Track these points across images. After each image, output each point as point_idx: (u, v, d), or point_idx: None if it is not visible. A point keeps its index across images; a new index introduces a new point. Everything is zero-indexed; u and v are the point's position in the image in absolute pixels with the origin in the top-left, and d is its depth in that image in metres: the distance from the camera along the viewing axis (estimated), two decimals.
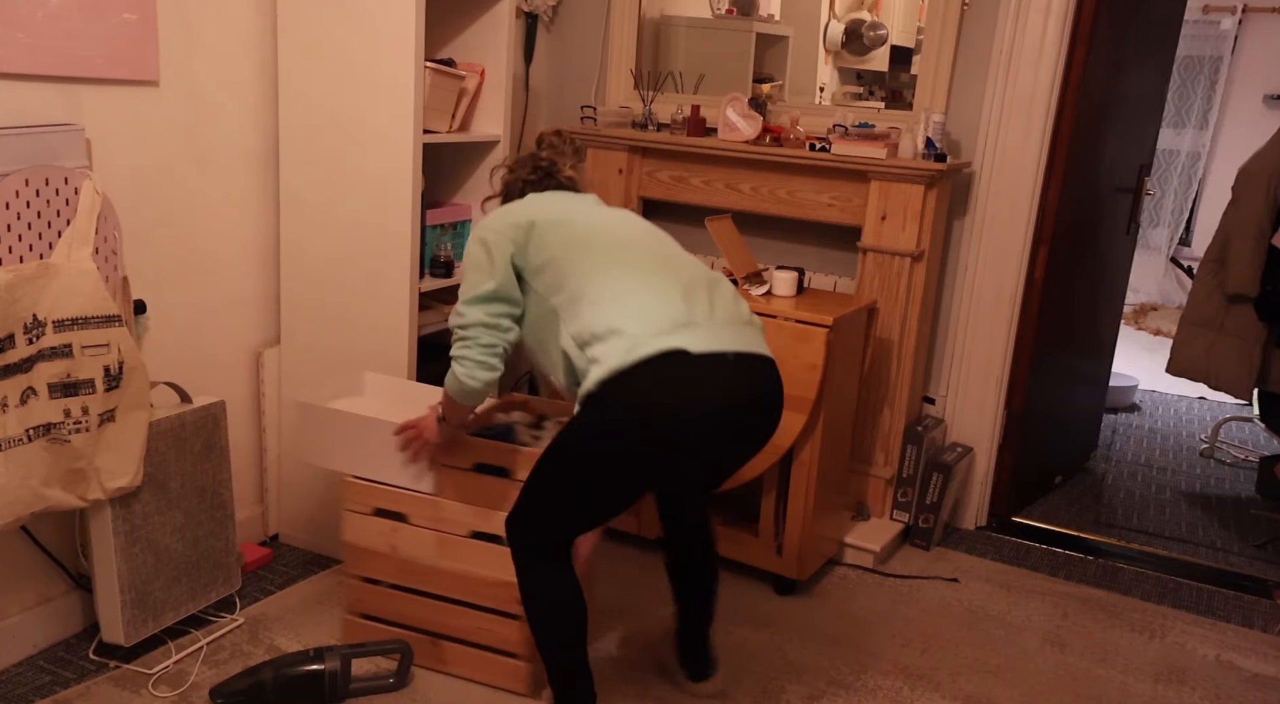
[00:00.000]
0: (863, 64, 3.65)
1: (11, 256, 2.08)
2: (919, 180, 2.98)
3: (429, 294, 2.93)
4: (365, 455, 2.35)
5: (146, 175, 2.49)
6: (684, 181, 3.43)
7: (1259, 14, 6.87)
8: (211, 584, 2.57)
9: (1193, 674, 2.66)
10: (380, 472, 2.36)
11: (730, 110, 3.27)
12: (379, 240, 2.68)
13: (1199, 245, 6.92)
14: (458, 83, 2.82)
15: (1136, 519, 3.65)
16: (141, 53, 2.40)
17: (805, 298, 2.95)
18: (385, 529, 2.39)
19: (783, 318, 2.75)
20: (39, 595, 2.41)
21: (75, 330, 2.14)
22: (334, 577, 2.84)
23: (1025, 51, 3.03)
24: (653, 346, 1.87)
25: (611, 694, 2.39)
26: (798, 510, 2.83)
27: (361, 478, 2.39)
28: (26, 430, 2.11)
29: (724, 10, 3.71)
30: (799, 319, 2.72)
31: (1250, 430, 4.73)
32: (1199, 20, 6.92)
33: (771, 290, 2.94)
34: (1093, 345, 3.94)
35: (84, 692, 2.27)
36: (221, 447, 2.57)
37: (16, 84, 2.16)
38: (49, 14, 2.18)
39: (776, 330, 2.70)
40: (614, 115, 3.49)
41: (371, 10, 2.55)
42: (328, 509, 2.92)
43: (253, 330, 2.87)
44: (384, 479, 2.36)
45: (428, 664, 2.41)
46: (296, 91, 2.70)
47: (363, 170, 2.66)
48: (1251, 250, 3.38)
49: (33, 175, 2.10)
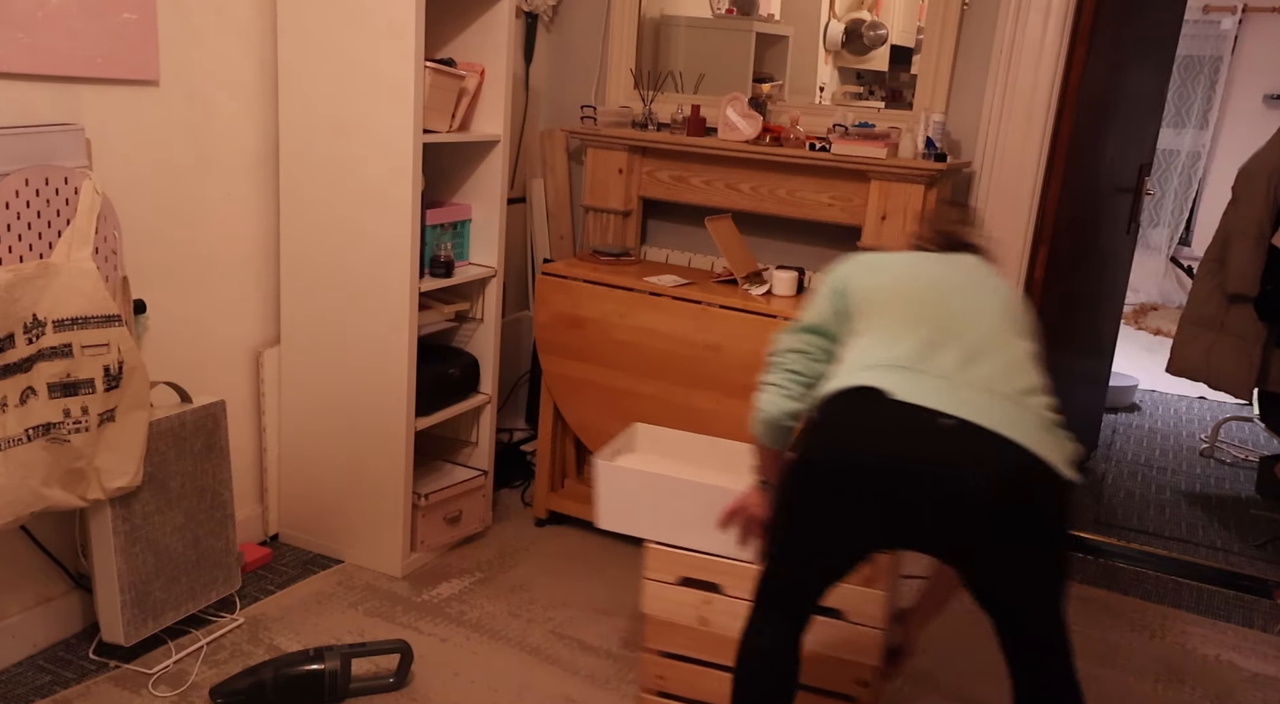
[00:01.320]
0: (863, 64, 3.65)
1: (11, 256, 2.08)
2: (919, 180, 2.98)
3: (429, 294, 2.93)
4: (672, 519, 2.20)
5: (146, 175, 2.49)
6: (684, 181, 3.43)
7: (1259, 14, 6.87)
8: (211, 584, 2.57)
9: (1193, 674, 2.66)
10: (690, 538, 2.17)
11: (730, 110, 3.27)
12: (379, 240, 2.68)
13: (1199, 245, 6.92)
14: (458, 82, 2.82)
15: (1136, 519, 3.65)
16: (141, 52, 2.40)
17: (806, 296, 2.92)
18: (694, 600, 2.18)
19: (782, 317, 2.76)
20: (39, 595, 2.41)
21: (75, 330, 2.14)
22: (334, 576, 2.84)
23: (1025, 51, 3.03)
24: (851, 380, 1.70)
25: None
26: None
27: (665, 544, 2.18)
28: (26, 430, 2.11)
29: (724, 10, 3.71)
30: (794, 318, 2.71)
31: (1250, 430, 4.73)
32: (1199, 20, 6.92)
33: (771, 290, 2.94)
34: (1093, 345, 3.94)
35: (84, 692, 2.27)
36: (221, 447, 2.57)
37: (16, 84, 2.16)
38: (49, 14, 2.18)
39: (774, 329, 2.70)
40: (614, 115, 3.49)
41: (371, 10, 2.55)
42: (328, 509, 2.92)
43: (253, 330, 2.87)
44: (695, 546, 2.17)
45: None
46: (296, 91, 2.70)
47: (363, 170, 2.66)
48: (1251, 250, 3.37)
49: (33, 175, 2.10)
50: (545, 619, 2.71)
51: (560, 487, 3.30)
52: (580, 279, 3.04)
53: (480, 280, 3.03)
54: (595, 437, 3.09)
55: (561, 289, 3.06)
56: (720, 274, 3.09)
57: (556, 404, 3.17)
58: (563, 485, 3.31)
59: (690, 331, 2.88)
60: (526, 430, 3.79)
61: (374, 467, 2.83)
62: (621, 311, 2.97)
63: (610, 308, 2.99)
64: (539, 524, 3.24)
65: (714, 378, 2.87)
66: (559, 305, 3.07)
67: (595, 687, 2.43)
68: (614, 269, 3.14)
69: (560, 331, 3.08)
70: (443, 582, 2.86)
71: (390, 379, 2.75)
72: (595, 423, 3.08)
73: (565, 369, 3.10)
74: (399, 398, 2.75)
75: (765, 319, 2.80)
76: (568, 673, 2.48)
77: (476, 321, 3.08)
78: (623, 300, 2.97)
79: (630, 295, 2.96)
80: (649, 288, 2.95)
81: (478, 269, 3.00)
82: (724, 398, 2.87)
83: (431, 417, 2.89)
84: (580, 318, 3.04)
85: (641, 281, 2.99)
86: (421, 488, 2.90)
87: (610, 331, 2.99)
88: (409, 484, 2.83)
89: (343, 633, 2.58)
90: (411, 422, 2.79)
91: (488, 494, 3.12)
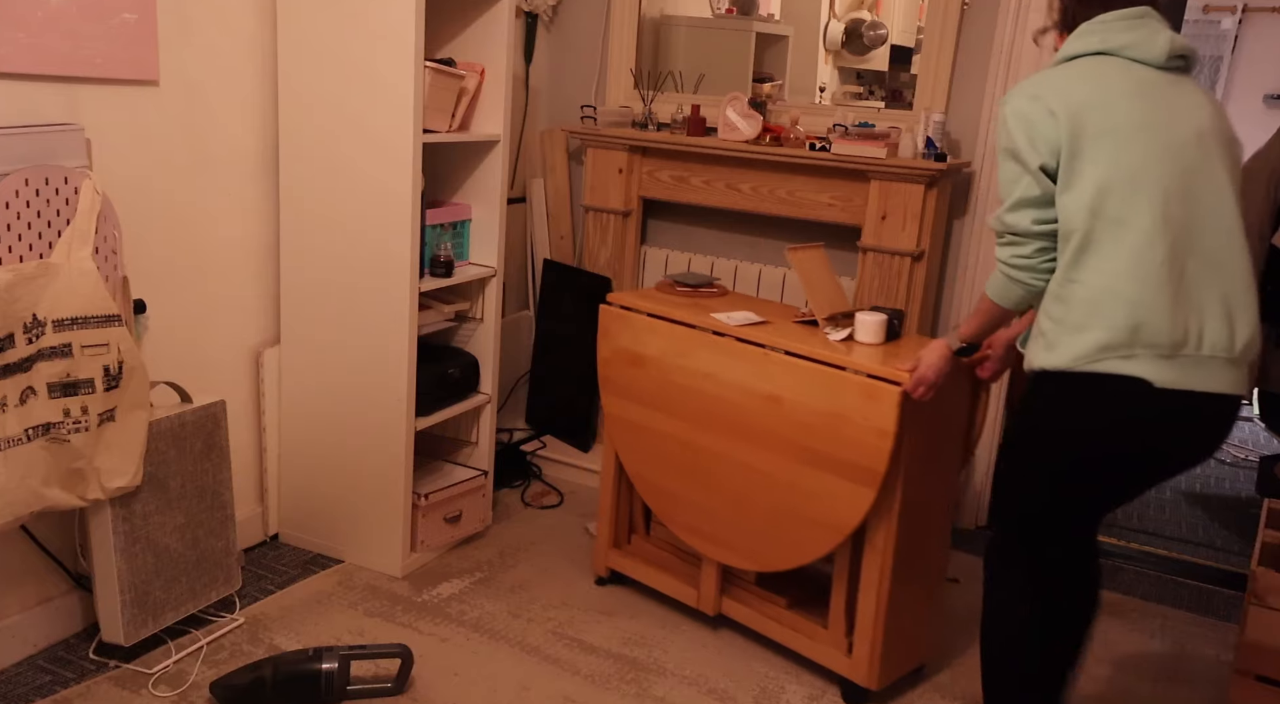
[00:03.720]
0: (863, 64, 3.65)
1: (11, 256, 2.08)
2: (919, 180, 2.98)
3: (429, 294, 2.93)
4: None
5: (146, 175, 2.49)
6: (684, 181, 3.43)
7: (1259, 14, 6.87)
8: (211, 584, 2.57)
9: (1193, 674, 2.66)
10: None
11: (730, 110, 3.27)
12: (379, 240, 2.68)
13: None
14: (457, 82, 2.82)
15: (1136, 519, 3.65)
16: (141, 53, 2.40)
17: (896, 346, 2.41)
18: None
19: (851, 370, 2.27)
20: (39, 595, 2.41)
21: (75, 330, 2.14)
22: (334, 576, 2.84)
23: (1025, 51, 3.03)
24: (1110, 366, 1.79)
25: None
26: (869, 606, 2.36)
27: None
28: (26, 430, 2.11)
29: (724, 10, 3.71)
30: (869, 373, 2.23)
31: (1250, 430, 4.73)
32: (1199, 20, 6.92)
33: (853, 336, 2.41)
34: None
35: (84, 692, 2.27)
36: (221, 446, 2.57)
37: (16, 84, 2.16)
38: (49, 14, 2.18)
39: (842, 384, 2.27)
40: (614, 115, 3.49)
41: (371, 10, 2.55)
42: (328, 509, 2.92)
43: (253, 330, 2.87)
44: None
45: None
46: (296, 91, 2.70)
47: (362, 170, 2.66)
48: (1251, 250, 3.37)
49: (33, 175, 2.10)
50: (545, 619, 2.71)
51: (626, 542, 2.91)
52: (642, 312, 2.65)
53: (480, 280, 3.03)
54: (650, 488, 2.72)
55: (623, 322, 2.68)
56: (805, 313, 2.58)
57: (616, 449, 2.80)
58: (629, 541, 2.91)
59: (750, 379, 2.44)
60: (526, 430, 3.79)
61: (374, 466, 2.83)
62: (682, 351, 2.56)
63: (671, 346, 2.59)
64: (599, 583, 2.89)
65: (772, 435, 2.41)
66: (621, 340, 2.70)
67: (595, 687, 2.43)
68: (688, 302, 2.69)
69: (621, 369, 2.71)
70: (443, 582, 2.86)
71: (390, 379, 2.75)
72: (650, 473, 2.71)
73: (624, 411, 2.72)
74: (399, 398, 2.75)
75: (836, 372, 2.28)
76: (568, 673, 2.48)
77: (476, 321, 3.08)
78: (684, 338, 2.56)
79: (692, 333, 2.55)
80: (711, 325, 2.53)
81: (478, 269, 3.00)
82: (782, 461, 2.40)
83: (431, 416, 2.89)
84: (641, 356, 2.65)
85: (706, 317, 2.55)
86: (421, 488, 2.90)
87: (669, 373, 2.60)
88: (409, 484, 2.83)
89: (343, 633, 2.58)
90: (411, 421, 2.79)
91: (488, 494, 3.12)
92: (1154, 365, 1.77)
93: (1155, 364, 1.77)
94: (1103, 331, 1.78)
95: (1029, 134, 1.82)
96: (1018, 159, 1.84)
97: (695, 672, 2.52)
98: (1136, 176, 1.77)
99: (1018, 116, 1.84)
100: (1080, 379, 1.82)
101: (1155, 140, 1.79)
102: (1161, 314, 1.77)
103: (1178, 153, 1.80)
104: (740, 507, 2.52)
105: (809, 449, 2.34)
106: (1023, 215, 1.85)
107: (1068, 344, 1.81)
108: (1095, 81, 1.83)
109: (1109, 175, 1.77)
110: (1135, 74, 1.84)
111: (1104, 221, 1.78)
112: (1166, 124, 1.80)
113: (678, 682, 2.47)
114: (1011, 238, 1.89)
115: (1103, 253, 1.78)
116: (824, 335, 2.44)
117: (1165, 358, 1.77)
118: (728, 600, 2.66)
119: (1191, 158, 1.81)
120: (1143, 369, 1.77)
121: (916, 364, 2.16)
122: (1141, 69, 1.85)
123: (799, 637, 2.53)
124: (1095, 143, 1.78)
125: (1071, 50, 1.90)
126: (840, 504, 2.31)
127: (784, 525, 2.44)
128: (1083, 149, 1.79)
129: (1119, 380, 1.79)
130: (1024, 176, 1.83)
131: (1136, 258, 1.77)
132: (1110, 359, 1.78)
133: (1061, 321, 1.83)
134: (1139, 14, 1.87)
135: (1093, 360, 1.79)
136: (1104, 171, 1.77)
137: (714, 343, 2.51)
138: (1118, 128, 1.78)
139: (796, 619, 2.55)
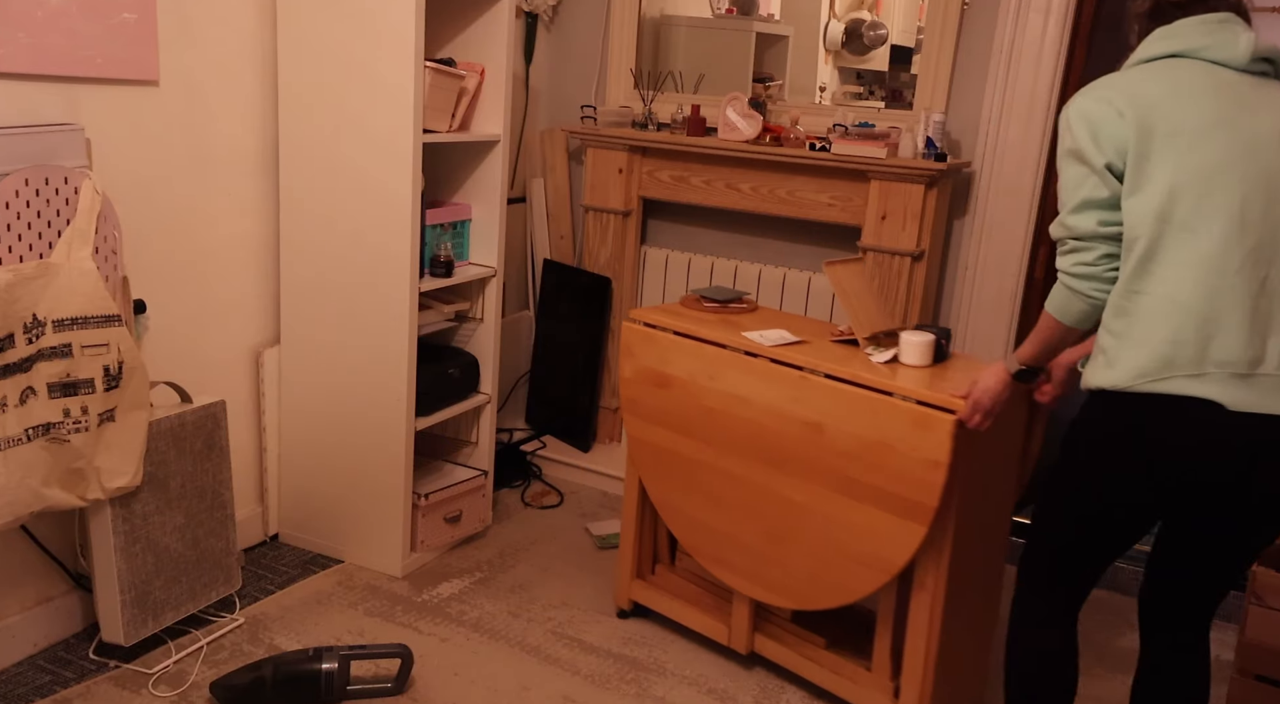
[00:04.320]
0: (863, 64, 3.65)
1: (11, 256, 2.08)
2: (919, 180, 2.98)
3: (429, 294, 2.93)
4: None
5: (146, 175, 2.49)
6: (684, 181, 3.43)
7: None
8: (211, 584, 2.57)
9: None
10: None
11: (730, 110, 3.27)
12: (379, 240, 2.68)
13: None
14: (458, 82, 2.82)
15: None
16: (141, 52, 2.40)
17: (944, 368, 2.24)
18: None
19: (900, 396, 2.10)
20: (39, 595, 2.41)
21: (75, 330, 2.14)
22: (334, 576, 2.84)
23: (1025, 51, 3.03)
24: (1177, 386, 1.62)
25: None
26: (918, 650, 2.19)
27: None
28: (26, 430, 2.11)
29: (724, 10, 3.71)
30: (919, 400, 2.07)
31: None
32: None
33: (898, 357, 2.25)
34: None
35: (84, 691, 2.27)
36: (221, 446, 2.57)
37: (16, 84, 2.16)
38: (49, 14, 2.18)
39: (890, 411, 2.10)
40: (614, 115, 3.49)
41: (371, 10, 2.55)
42: (328, 509, 2.92)
43: (253, 330, 2.87)
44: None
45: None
46: (296, 92, 2.70)
47: (363, 170, 2.66)
48: None
49: (33, 175, 2.10)
50: (545, 619, 2.71)
51: (651, 573, 2.76)
52: (668, 330, 2.49)
53: (480, 280, 3.03)
54: (676, 517, 2.56)
55: (648, 340, 2.51)
56: (843, 332, 2.44)
57: (640, 475, 2.64)
58: (653, 572, 2.77)
59: (786, 404, 2.26)
60: (526, 430, 3.79)
61: (374, 466, 2.83)
62: (711, 372, 2.39)
63: (699, 367, 2.41)
64: (621, 616, 2.74)
65: (812, 465, 2.24)
66: (645, 359, 2.52)
67: (595, 687, 2.43)
68: (716, 318, 2.54)
69: (645, 390, 2.54)
70: (443, 582, 2.86)
71: (390, 379, 2.75)
72: (677, 501, 2.54)
73: (649, 434, 2.56)
74: (399, 397, 2.75)
75: (882, 398, 2.12)
76: (568, 673, 2.48)
77: (476, 321, 3.08)
78: (714, 358, 2.39)
79: (723, 353, 2.37)
80: (743, 345, 2.36)
81: (478, 269, 3.00)
82: (823, 492, 2.23)
83: (431, 416, 2.89)
84: (667, 376, 2.48)
85: (738, 336, 2.38)
86: (421, 488, 2.90)
87: (698, 396, 2.42)
88: (409, 484, 2.83)
89: (342, 633, 2.58)
90: (411, 421, 2.79)
91: (488, 494, 3.12)
92: (1226, 386, 1.61)
93: (1228, 384, 1.61)
94: (1168, 346, 1.62)
95: (1094, 133, 1.68)
96: (1082, 160, 1.69)
97: (695, 672, 2.52)
98: (1211, 179, 1.63)
99: (1082, 117, 1.70)
100: (1142, 400, 1.65)
101: (1233, 140, 1.64)
102: (1235, 329, 1.61)
103: (1258, 153, 1.64)
104: (776, 541, 2.34)
105: (852, 480, 2.17)
106: (1087, 217, 1.69)
107: (1129, 359, 1.65)
108: (1168, 82, 1.69)
109: (1179, 178, 1.63)
110: (1215, 75, 1.69)
111: (1173, 227, 1.63)
112: (1246, 123, 1.65)
113: (678, 682, 2.47)
114: (1075, 243, 1.72)
115: (1170, 260, 1.63)
116: (866, 356, 2.27)
117: (1240, 377, 1.61)
118: (761, 637, 2.50)
119: (1274, 159, 1.65)
120: (1214, 390, 1.61)
121: (971, 389, 1.98)
122: (1222, 71, 1.70)
123: (840, 679, 2.37)
124: (1166, 143, 1.64)
125: (1146, 54, 1.77)
126: (887, 541, 2.13)
127: (824, 562, 2.27)
128: (1152, 150, 1.64)
129: (1186, 402, 1.62)
130: (1089, 178, 1.68)
131: (1208, 266, 1.62)
132: (1177, 378, 1.62)
133: (1123, 336, 1.67)
134: (1221, 19, 1.73)
135: (1156, 378, 1.63)
136: (1173, 174, 1.63)
137: (746, 364, 2.33)
138: (1190, 127, 1.64)
139: (837, 660, 2.39)
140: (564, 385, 3.71)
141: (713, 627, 2.57)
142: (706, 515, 2.48)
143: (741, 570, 2.44)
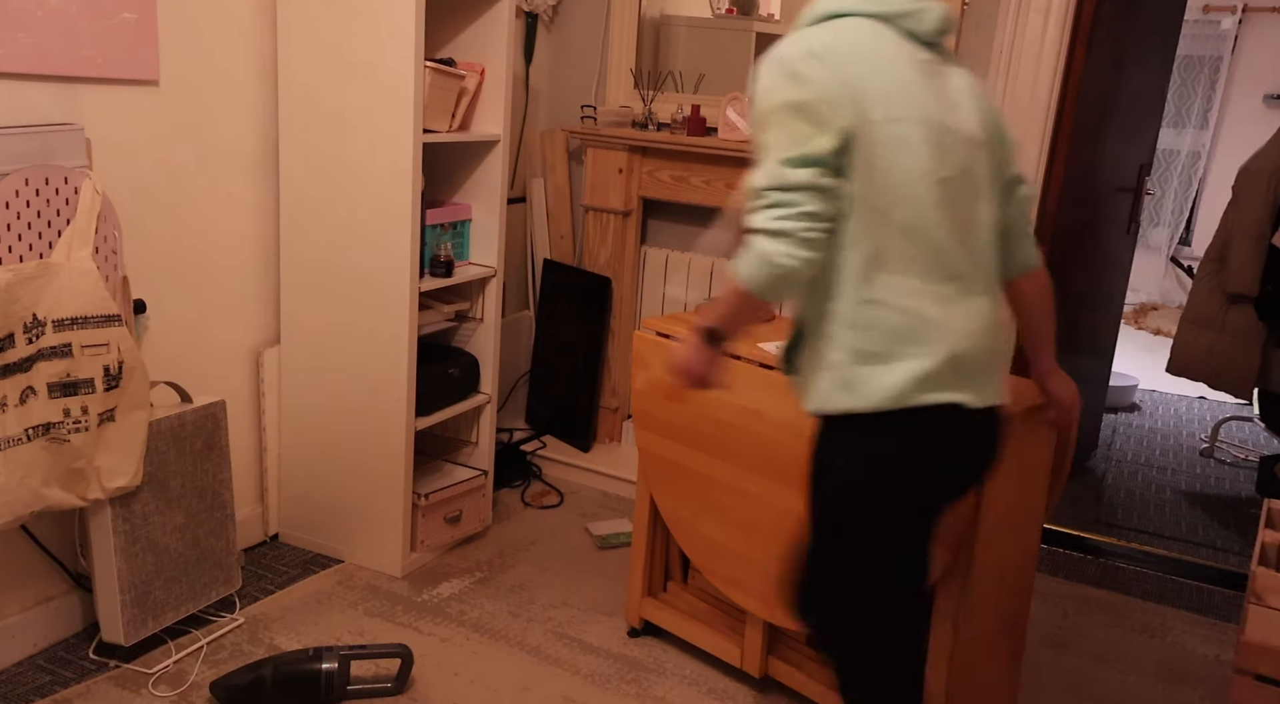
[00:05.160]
0: None
1: (11, 256, 2.08)
2: None
3: (429, 294, 2.93)
4: None
5: (146, 175, 2.49)
6: (684, 181, 3.43)
7: (1259, 14, 6.87)
8: (211, 584, 2.57)
9: (1193, 674, 2.66)
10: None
11: (730, 110, 3.27)
12: (379, 240, 2.68)
13: (1199, 245, 6.93)
14: (458, 82, 2.82)
15: (1136, 519, 3.65)
16: (141, 52, 2.40)
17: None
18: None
19: None
20: (39, 595, 2.41)
21: (75, 330, 2.14)
22: (334, 576, 2.84)
23: (1025, 51, 3.03)
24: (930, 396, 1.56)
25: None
26: (938, 679, 2.10)
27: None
28: (26, 430, 2.11)
29: (724, 10, 3.71)
30: None
31: (1250, 430, 4.73)
32: (1199, 20, 6.92)
33: None
34: (1093, 345, 3.94)
35: (84, 691, 2.27)
36: (221, 446, 2.57)
37: (16, 84, 2.16)
38: (49, 13, 2.18)
39: None
40: (614, 115, 3.49)
41: (371, 10, 2.55)
42: (328, 509, 2.92)
43: (253, 330, 2.87)
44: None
45: None
46: (296, 91, 2.70)
47: (363, 170, 2.66)
48: (1252, 250, 3.37)
49: (33, 175, 2.10)
50: (545, 619, 2.71)
51: (662, 590, 2.68)
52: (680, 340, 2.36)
53: (480, 280, 3.03)
54: (688, 535, 2.47)
55: (660, 351, 2.41)
56: None
57: (650, 490, 2.56)
58: (664, 589, 2.69)
59: (802, 419, 2.01)
60: (526, 430, 3.79)
61: (374, 466, 2.83)
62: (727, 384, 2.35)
63: None
64: (632, 635, 2.66)
65: None
66: (658, 371, 2.42)
67: (595, 687, 2.43)
68: None
69: (658, 403, 2.45)
70: (443, 581, 2.86)
71: (390, 379, 2.75)
72: (689, 518, 2.45)
73: (661, 448, 2.46)
74: (399, 397, 2.75)
75: None
76: (568, 673, 2.48)
77: (476, 321, 3.08)
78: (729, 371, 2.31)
79: (738, 365, 2.24)
80: (760, 357, 2.23)
81: (478, 269, 3.00)
82: None
83: (431, 416, 2.89)
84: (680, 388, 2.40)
85: (754, 347, 2.25)
86: (421, 488, 2.90)
87: (713, 409, 2.30)
88: (409, 484, 2.83)
89: (342, 633, 2.58)
90: (411, 421, 2.79)
91: (488, 494, 3.12)
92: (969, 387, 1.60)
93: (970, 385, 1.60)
94: (917, 361, 1.55)
95: (821, 93, 1.49)
96: (810, 115, 1.49)
97: (695, 672, 2.52)
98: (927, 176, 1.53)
99: (801, 75, 1.51)
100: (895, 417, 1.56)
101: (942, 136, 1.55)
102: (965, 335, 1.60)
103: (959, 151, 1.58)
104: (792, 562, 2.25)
105: None
106: (805, 173, 1.49)
107: (874, 380, 1.56)
108: (877, 57, 1.54)
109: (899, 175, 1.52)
110: (910, 52, 1.57)
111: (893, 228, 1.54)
112: (950, 117, 1.58)
113: (678, 682, 2.47)
114: (779, 195, 1.49)
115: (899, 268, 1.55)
116: None
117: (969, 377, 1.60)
118: (775, 660, 2.42)
119: (967, 157, 1.59)
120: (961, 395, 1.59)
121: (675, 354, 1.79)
122: (914, 47, 1.58)
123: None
124: (882, 131, 1.51)
125: (833, 6, 1.57)
126: None
127: None
128: (868, 138, 1.51)
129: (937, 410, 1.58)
130: (817, 136, 1.48)
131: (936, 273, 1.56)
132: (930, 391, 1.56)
133: (860, 352, 1.57)
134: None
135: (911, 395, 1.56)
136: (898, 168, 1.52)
137: (764, 377, 2.20)
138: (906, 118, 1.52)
139: None
140: (564, 385, 3.71)
141: (725, 648, 2.49)
142: (719, 534, 2.39)
143: (755, 592, 2.34)
